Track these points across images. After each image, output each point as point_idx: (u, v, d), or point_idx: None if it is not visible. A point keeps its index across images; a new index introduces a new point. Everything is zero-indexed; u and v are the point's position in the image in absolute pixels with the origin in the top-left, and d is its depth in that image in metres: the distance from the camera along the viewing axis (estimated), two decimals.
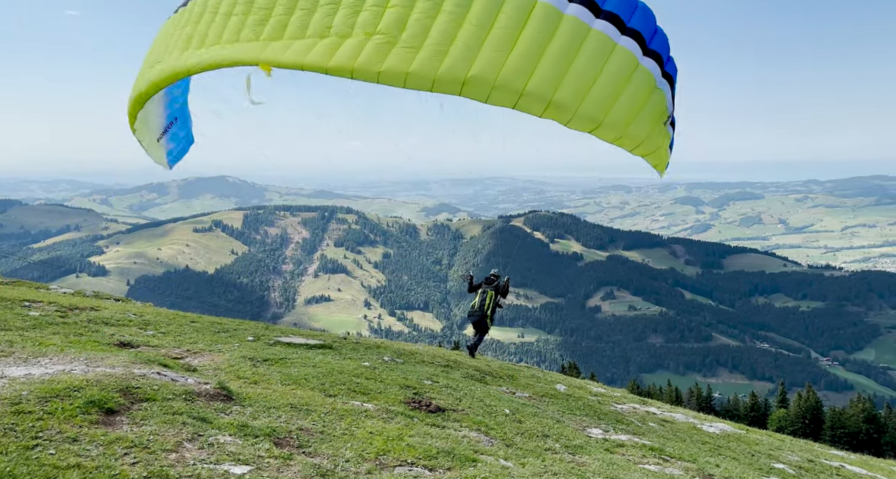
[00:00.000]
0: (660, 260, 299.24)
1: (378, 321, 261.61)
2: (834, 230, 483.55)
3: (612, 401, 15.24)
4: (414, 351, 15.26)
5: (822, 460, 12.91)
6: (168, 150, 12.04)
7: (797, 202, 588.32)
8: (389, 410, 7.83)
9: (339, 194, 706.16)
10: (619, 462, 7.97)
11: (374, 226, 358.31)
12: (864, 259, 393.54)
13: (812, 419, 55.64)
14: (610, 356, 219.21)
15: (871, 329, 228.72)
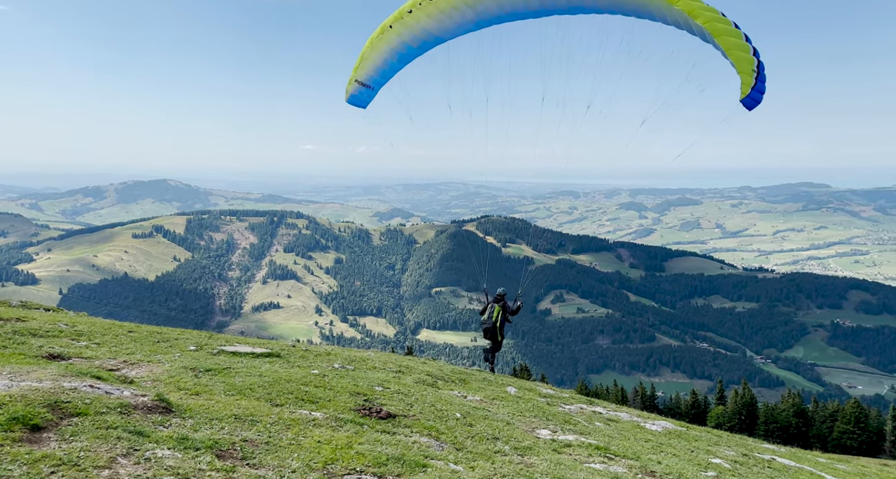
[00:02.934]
0: (606, 264, 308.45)
1: (330, 328, 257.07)
2: (766, 234, 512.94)
3: (560, 402, 15.55)
4: (365, 358, 15.10)
5: (756, 454, 13.61)
6: (355, 91, 15.15)
7: (733, 208, 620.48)
8: (339, 418, 7.71)
9: (288, 199, 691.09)
10: (566, 462, 8.15)
11: (326, 231, 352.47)
12: (793, 262, 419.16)
13: (748, 414, 58.60)
14: (560, 358, 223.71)
15: (799, 328, 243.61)
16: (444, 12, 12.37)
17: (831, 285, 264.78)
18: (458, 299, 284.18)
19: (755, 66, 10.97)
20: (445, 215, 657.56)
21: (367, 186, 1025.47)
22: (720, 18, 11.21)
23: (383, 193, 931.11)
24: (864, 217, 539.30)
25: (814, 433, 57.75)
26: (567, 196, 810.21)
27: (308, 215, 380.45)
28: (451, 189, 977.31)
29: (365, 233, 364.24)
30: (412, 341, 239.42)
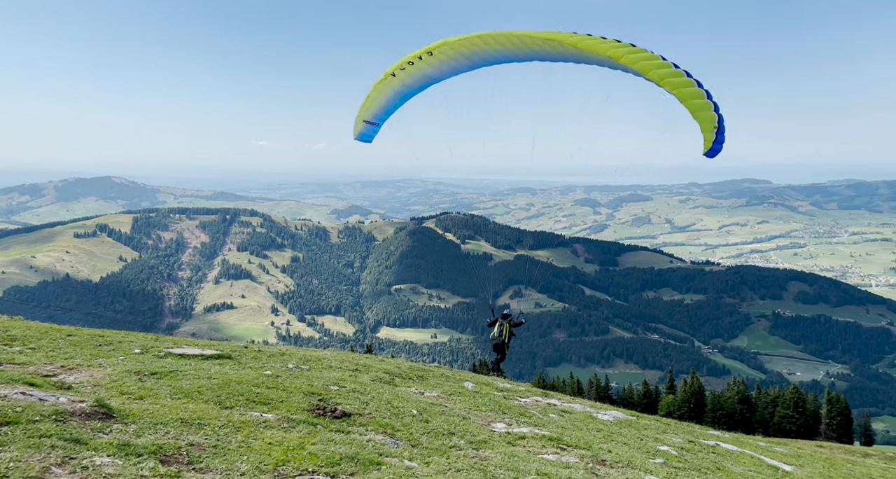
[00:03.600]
0: (563, 259, 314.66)
1: (286, 328, 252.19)
2: (712, 229, 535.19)
3: (516, 395, 15.78)
4: (321, 357, 14.89)
5: (701, 440, 14.21)
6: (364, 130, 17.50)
7: (681, 204, 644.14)
8: (291, 419, 7.58)
9: (241, 196, 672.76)
10: (519, 454, 8.28)
11: (282, 229, 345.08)
12: (737, 255, 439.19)
13: (696, 402, 61.07)
14: (518, 352, 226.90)
15: (743, 319, 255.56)
16: (443, 62, 15.20)
17: (772, 277, 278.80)
18: (418, 297, 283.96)
19: (716, 122, 12.56)
20: (404, 213, 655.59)
21: (324, 183, 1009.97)
22: (686, 82, 12.63)
23: (341, 191, 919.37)
24: (802, 212, 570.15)
25: (757, 419, 60.75)
26: (524, 193, 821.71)
27: (263, 213, 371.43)
28: (410, 186, 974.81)
29: (323, 231, 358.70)
30: (372, 339, 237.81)
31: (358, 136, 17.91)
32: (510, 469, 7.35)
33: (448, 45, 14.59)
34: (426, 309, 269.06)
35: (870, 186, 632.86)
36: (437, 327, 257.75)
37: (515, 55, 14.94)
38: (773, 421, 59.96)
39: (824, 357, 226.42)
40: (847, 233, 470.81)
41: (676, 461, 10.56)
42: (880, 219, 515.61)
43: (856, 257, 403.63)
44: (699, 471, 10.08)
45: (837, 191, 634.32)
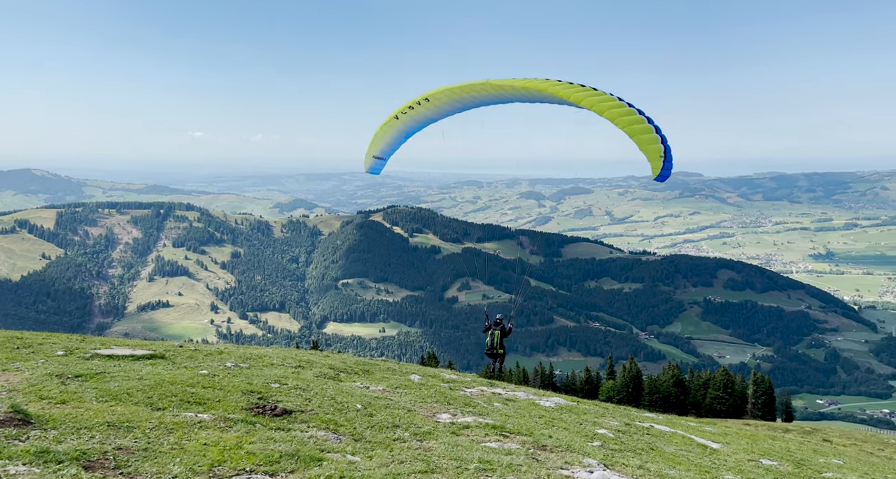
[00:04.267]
0: (509, 251, 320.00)
1: (228, 326, 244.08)
2: (648, 220, 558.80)
3: (462, 386, 15.97)
4: (262, 354, 14.51)
5: (637, 422, 14.89)
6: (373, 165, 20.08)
7: (619, 196, 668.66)
8: (228, 418, 7.36)
9: (177, 190, 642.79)
10: (463, 443, 8.40)
11: (221, 224, 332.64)
12: (671, 245, 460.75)
13: (634, 387, 63.86)
14: (467, 344, 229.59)
15: (677, 305, 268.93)
16: (439, 107, 18.10)
17: (704, 265, 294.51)
18: (365, 291, 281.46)
19: (662, 152, 14.41)
20: (351, 206, 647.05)
21: (265, 176, 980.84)
22: (636, 119, 14.55)
23: (284, 184, 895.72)
24: (731, 203, 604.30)
25: (690, 401, 64.23)
26: (471, 186, 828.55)
27: (200, 207, 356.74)
28: (357, 179, 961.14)
29: (265, 225, 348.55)
30: (318, 335, 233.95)
31: (369, 169, 20.58)
32: (453, 459, 7.44)
33: (443, 93, 17.50)
34: (374, 303, 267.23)
35: (791, 178, 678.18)
36: (385, 321, 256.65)
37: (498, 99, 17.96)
38: (705, 402, 63.57)
39: (751, 340, 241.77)
40: (771, 223, 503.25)
41: (613, 443, 11.01)
42: (800, 209, 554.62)
43: (778, 245, 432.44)
44: (634, 452, 10.56)
45: (762, 183, 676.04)
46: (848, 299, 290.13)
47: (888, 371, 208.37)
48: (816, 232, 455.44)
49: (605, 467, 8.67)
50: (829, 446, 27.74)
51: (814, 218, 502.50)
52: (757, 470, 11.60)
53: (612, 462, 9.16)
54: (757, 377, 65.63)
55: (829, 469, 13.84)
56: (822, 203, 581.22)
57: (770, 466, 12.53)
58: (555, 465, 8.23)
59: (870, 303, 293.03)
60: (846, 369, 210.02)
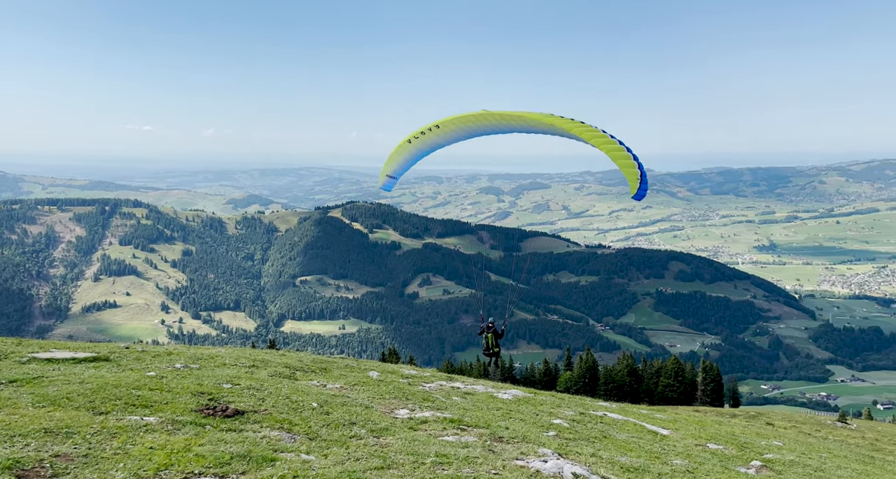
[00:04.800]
0: (469, 246, 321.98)
1: (179, 326, 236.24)
2: (603, 214, 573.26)
3: (421, 381, 16.00)
4: (214, 355, 14.11)
5: (591, 411, 15.29)
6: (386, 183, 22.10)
7: (576, 191, 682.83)
8: (176, 420, 7.12)
9: (123, 186, 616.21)
10: (420, 438, 8.42)
11: (171, 220, 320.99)
12: (625, 238, 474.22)
13: (590, 377, 65.52)
14: (427, 339, 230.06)
15: (631, 297, 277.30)
16: (447, 133, 20.10)
17: (655, 258, 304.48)
18: (324, 288, 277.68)
19: (639, 176, 16.89)
20: (308, 202, 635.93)
21: (218, 171, 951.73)
22: (617, 147, 17.29)
23: (237, 179, 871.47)
24: (681, 197, 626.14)
25: (643, 389, 66.42)
26: (431, 182, 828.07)
27: (148, 204, 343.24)
28: (314, 175, 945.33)
29: (218, 222, 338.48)
30: (276, 333, 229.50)
31: (382, 186, 22.77)
32: (410, 454, 7.45)
33: (451, 122, 19.59)
34: (334, 300, 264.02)
35: (736, 173, 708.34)
36: (345, 318, 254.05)
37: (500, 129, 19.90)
38: (658, 390, 65.86)
39: (700, 330, 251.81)
40: (718, 216, 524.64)
41: (568, 432, 11.28)
42: (745, 203, 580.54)
43: (725, 237, 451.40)
44: (587, 440, 10.84)
45: (710, 178, 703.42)
46: (789, 289, 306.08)
47: (825, 356, 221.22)
48: (760, 225, 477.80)
49: (559, 456, 8.86)
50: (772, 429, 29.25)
51: (758, 211, 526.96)
52: (704, 454, 12.11)
53: (567, 451, 9.38)
54: (706, 365, 68.37)
55: (769, 451, 14.58)
56: (766, 197, 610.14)
57: (716, 449, 13.11)
58: (510, 456, 8.36)
59: (809, 292, 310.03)
60: (788, 356, 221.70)
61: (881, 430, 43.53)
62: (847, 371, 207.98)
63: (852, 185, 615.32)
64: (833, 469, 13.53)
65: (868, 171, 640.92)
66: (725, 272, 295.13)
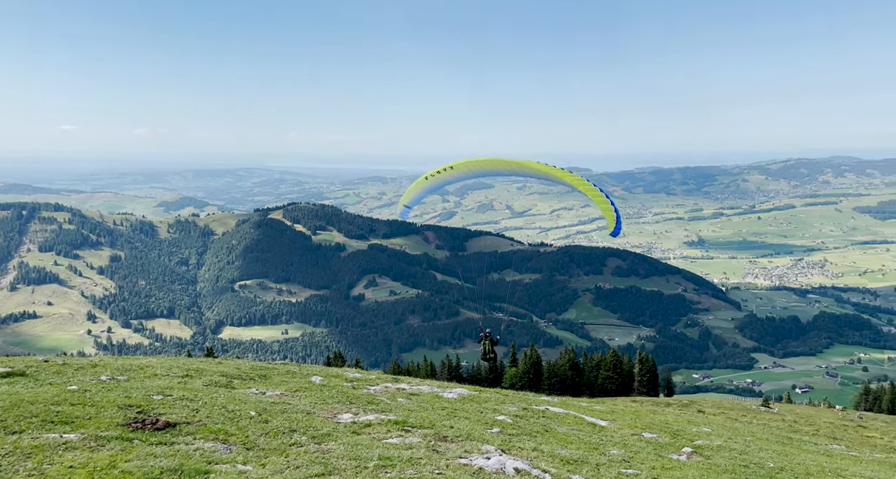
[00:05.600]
0: (415, 246, 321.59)
1: (108, 335, 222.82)
2: (545, 213, 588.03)
3: (366, 384, 15.83)
4: (144, 365, 13.41)
5: (534, 406, 15.63)
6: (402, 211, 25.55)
7: (518, 190, 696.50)
8: (101, 436, 6.72)
9: (42, 189, 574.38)
10: (363, 442, 8.33)
11: (97, 225, 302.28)
12: (566, 236, 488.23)
13: (535, 372, 66.98)
14: (374, 341, 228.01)
15: (572, 293, 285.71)
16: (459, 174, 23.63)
17: (594, 255, 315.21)
18: (266, 292, 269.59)
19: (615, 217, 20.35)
20: (247, 204, 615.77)
21: (148, 172, 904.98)
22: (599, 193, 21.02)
23: (169, 181, 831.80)
24: (616, 196, 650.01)
25: (585, 382, 68.55)
26: (375, 182, 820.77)
27: (71, 207, 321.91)
28: (253, 175, 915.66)
29: (149, 226, 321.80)
30: (213, 341, 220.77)
31: (400, 213, 26.95)
32: (352, 458, 7.36)
33: (464, 165, 23.00)
34: (276, 305, 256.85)
35: (667, 172, 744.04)
36: (288, 322, 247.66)
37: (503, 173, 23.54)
38: (598, 383, 68.17)
39: (636, 323, 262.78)
40: (651, 214, 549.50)
41: (511, 428, 11.48)
42: (675, 201, 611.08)
43: (658, 234, 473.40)
44: (530, 435, 11.08)
45: (643, 177, 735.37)
46: (717, 282, 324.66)
47: (750, 345, 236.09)
48: (690, 221, 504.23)
49: (501, 452, 9.01)
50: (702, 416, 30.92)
51: (687, 208, 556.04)
52: (639, 443, 12.64)
53: (509, 447, 9.55)
54: (642, 357, 71.40)
55: (699, 437, 15.41)
56: (694, 195, 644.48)
57: (651, 438, 13.72)
58: (454, 454, 8.42)
59: (735, 284, 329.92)
60: (716, 345, 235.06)
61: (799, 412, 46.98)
62: (769, 358, 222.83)
63: (771, 182, 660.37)
64: (756, 452, 14.46)
65: (785, 169, 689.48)
66: (659, 267, 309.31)
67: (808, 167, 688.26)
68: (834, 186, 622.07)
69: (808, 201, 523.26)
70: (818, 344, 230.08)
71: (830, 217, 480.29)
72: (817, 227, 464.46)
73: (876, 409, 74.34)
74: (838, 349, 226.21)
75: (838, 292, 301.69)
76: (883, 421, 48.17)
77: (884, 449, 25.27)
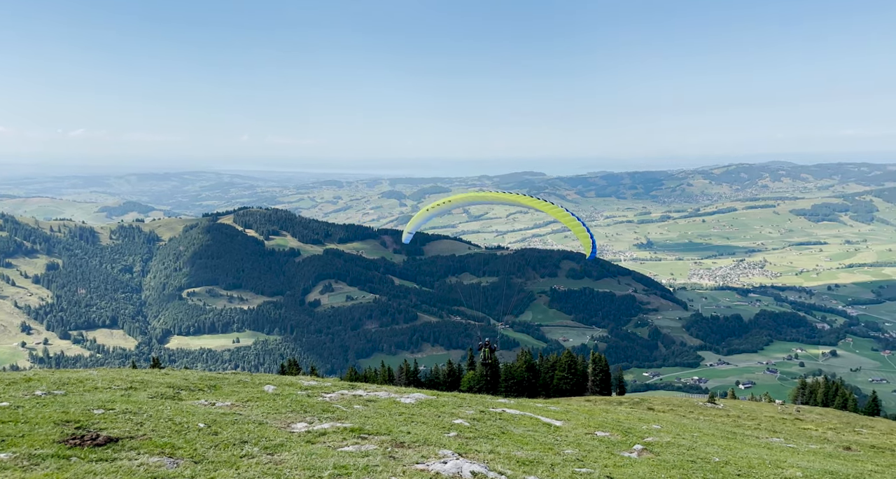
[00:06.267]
0: (372, 251, 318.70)
1: (44, 348, 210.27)
2: (501, 217, 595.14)
3: (321, 392, 15.55)
4: (84, 378, 12.72)
5: (491, 409, 15.75)
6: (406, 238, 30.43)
7: None
8: (34, 455, 6.32)
9: None
10: (318, 451, 8.17)
11: (31, 231, 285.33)
12: (522, 239, 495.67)
13: (492, 375, 67.47)
14: (330, 348, 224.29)
15: (528, 296, 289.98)
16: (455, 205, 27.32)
17: (550, 257, 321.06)
18: (216, 299, 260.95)
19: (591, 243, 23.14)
20: (195, 208, 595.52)
21: (88, 176, 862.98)
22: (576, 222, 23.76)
23: (112, 185, 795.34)
24: (570, 199, 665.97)
25: (541, 383, 69.62)
26: (331, 186, 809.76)
27: (3, 213, 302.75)
28: (201, 179, 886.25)
29: (89, 232, 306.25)
30: (160, 351, 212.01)
31: (404, 239, 30.75)
32: (306, 469, 7.21)
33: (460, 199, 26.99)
34: (227, 312, 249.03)
35: (617, 176, 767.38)
36: (240, 330, 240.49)
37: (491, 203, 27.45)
38: (553, 383, 69.36)
39: (589, 323, 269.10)
40: (602, 217, 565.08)
41: (468, 431, 11.53)
42: (625, 204, 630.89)
43: (609, 236, 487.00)
44: (486, 438, 11.15)
45: (595, 182, 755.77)
46: (665, 282, 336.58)
47: (697, 343, 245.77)
48: (639, 224, 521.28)
49: (458, 455, 9.03)
50: (652, 413, 31.93)
51: (636, 212, 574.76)
52: (592, 442, 12.93)
53: (466, 450, 9.58)
54: (595, 357, 73.13)
55: (650, 434, 15.89)
56: (643, 199, 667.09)
57: (603, 437, 14.06)
58: (411, 460, 8.38)
59: (681, 285, 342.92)
60: (665, 344, 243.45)
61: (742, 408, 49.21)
62: (714, 356, 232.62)
63: (714, 186, 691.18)
64: (703, 447, 15.05)
65: (727, 174, 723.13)
66: (610, 269, 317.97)
67: (748, 172, 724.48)
68: (772, 189, 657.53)
69: (749, 205, 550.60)
70: (759, 341, 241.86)
71: (769, 220, 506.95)
72: (757, 229, 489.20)
73: (812, 402, 78.82)
74: (778, 346, 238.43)
75: (777, 292, 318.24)
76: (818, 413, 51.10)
77: (818, 440, 26.79)
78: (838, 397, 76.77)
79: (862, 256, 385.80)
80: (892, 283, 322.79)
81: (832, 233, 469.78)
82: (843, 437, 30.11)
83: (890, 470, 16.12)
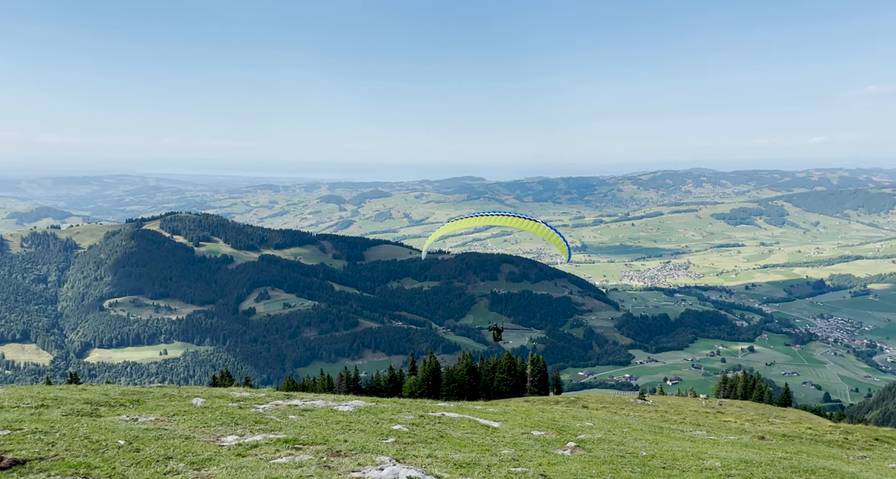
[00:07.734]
0: (311, 257, 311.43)
1: None
2: (442, 221, 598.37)
3: (255, 403, 15.05)
4: None
5: (430, 413, 15.80)
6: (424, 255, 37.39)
7: (416, 199, 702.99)
8: None
9: None
10: (249, 465, 7.91)
11: None
12: (462, 243, 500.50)
13: (434, 379, 67.60)
14: (266, 357, 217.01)
15: (469, 299, 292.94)
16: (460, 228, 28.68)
17: (489, 261, 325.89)
18: (141, 310, 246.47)
19: (566, 247, 26.31)
20: (118, 214, 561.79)
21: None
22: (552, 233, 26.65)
23: (23, 189, 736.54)
24: (509, 204, 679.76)
25: (482, 385, 70.41)
26: (266, 190, 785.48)
27: None
28: (124, 183, 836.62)
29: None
30: (79, 365, 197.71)
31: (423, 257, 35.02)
32: None
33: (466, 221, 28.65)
34: (153, 323, 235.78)
35: (553, 182, 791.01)
36: (167, 341, 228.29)
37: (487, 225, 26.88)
38: (494, 385, 70.32)
39: (528, 325, 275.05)
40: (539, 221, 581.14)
41: (407, 436, 11.51)
42: (561, 209, 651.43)
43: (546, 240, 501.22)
44: (425, 442, 11.18)
45: (532, 186, 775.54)
46: (598, 284, 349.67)
47: (628, 342, 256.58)
48: (574, 228, 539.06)
49: (396, 461, 9.01)
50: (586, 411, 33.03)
51: (571, 216, 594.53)
52: (528, 441, 13.24)
53: (404, 456, 9.57)
54: (533, 358, 74.79)
55: (583, 432, 16.46)
56: (577, 203, 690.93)
57: (539, 436, 14.42)
58: (347, 469, 8.28)
59: (613, 286, 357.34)
60: (599, 344, 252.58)
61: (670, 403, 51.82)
62: (644, 354, 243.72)
63: (642, 192, 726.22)
64: (632, 442, 15.74)
65: (653, 180, 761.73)
66: (547, 272, 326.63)
67: (673, 178, 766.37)
68: (694, 195, 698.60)
69: (674, 209, 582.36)
70: (685, 339, 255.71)
71: (692, 223, 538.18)
72: (682, 232, 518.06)
73: (732, 395, 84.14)
74: (702, 343, 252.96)
75: (700, 291, 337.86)
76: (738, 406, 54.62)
77: (736, 431, 28.65)
78: (755, 391, 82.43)
79: (775, 257, 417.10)
80: (801, 282, 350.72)
81: (749, 235, 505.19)
82: (758, 427, 32.35)
83: (797, 456, 17.50)
